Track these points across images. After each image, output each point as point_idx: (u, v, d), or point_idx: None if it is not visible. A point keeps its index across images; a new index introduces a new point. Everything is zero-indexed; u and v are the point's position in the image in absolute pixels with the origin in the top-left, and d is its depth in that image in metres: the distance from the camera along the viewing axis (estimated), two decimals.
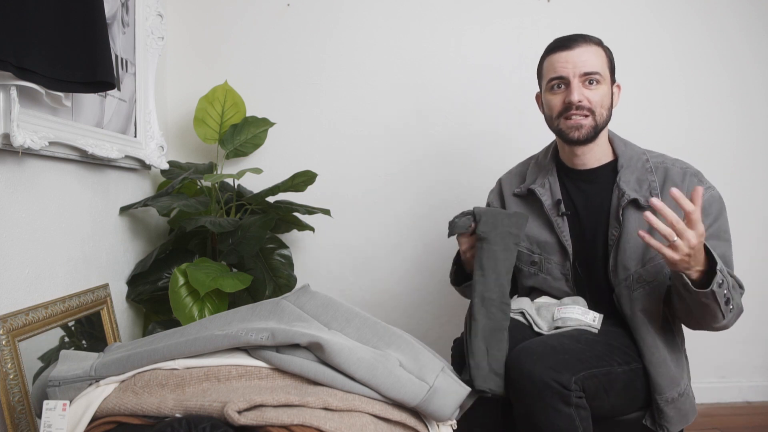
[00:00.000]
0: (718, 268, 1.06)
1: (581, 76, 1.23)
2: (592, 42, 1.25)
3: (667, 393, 1.19)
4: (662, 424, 1.20)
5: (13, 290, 1.19)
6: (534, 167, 1.42)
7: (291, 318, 1.04)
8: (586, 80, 1.23)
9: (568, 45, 1.24)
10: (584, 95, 1.23)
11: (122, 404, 0.90)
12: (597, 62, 1.23)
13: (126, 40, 1.65)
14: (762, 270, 2.13)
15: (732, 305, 1.12)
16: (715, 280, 1.05)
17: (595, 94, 1.23)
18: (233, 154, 1.95)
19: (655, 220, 1.02)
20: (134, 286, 1.68)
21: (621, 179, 1.26)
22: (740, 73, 2.14)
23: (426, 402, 0.94)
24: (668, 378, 1.19)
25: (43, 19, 1.11)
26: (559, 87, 1.26)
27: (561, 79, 1.25)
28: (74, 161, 1.41)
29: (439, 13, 2.10)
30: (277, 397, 0.86)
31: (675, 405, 1.20)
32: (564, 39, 1.27)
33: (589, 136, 1.25)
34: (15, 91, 1.09)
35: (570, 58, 1.23)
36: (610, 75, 1.27)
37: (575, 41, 1.24)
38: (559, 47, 1.26)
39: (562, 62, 1.24)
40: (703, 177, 1.26)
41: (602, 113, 1.25)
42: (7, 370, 1.12)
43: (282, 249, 1.83)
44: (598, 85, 1.23)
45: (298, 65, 2.08)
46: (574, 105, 1.23)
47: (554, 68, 1.25)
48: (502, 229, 1.25)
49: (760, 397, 2.18)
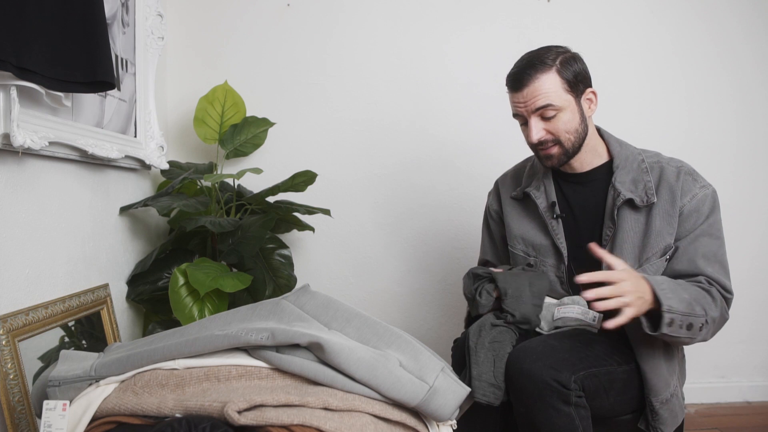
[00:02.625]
0: (664, 309, 1.07)
1: (534, 112, 1.23)
2: (542, 70, 1.20)
3: (662, 394, 1.19)
4: (657, 426, 1.20)
5: (13, 290, 1.19)
6: (530, 170, 1.42)
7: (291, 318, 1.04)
8: (542, 114, 1.23)
9: (516, 86, 1.23)
10: (543, 129, 1.24)
11: (122, 404, 0.90)
12: (550, 94, 1.20)
13: (126, 40, 1.65)
14: (762, 270, 2.13)
15: (701, 325, 1.12)
16: (662, 323, 1.08)
17: (555, 124, 1.23)
18: (233, 154, 1.95)
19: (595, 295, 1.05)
20: (134, 286, 1.68)
21: (616, 180, 1.26)
22: (740, 73, 2.14)
23: (426, 402, 0.94)
24: (663, 379, 1.20)
25: (44, 19, 1.11)
26: (523, 123, 1.28)
27: (520, 116, 1.27)
28: (74, 161, 1.41)
29: (439, 13, 2.10)
30: (277, 397, 0.86)
31: (668, 406, 1.20)
32: (513, 75, 1.25)
33: (562, 161, 1.27)
34: (15, 91, 1.09)
35: (521, 98, 1.23)
36: (572, 94, 1.22)
37: (522, 80, 1.22)
38: (510, 87, 1.26)
39: (515, 102, 1.26)
40: (698, 175, 1.26)
41: (569, 138, 1.24)
42: (7, 370, 1.12)
43: (282, 249, 1.83)
44: (557, 114, 1.22)
45: (298, 65, 2.08)
46: (537, 143, 1.25)
47: (512, 105, 1.28)
48: (527, 301, 1.26)
49: (760, 397, 2.18)
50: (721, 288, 1.20)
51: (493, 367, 1.15)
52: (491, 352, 1.17)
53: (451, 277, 2.13)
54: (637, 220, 1.23)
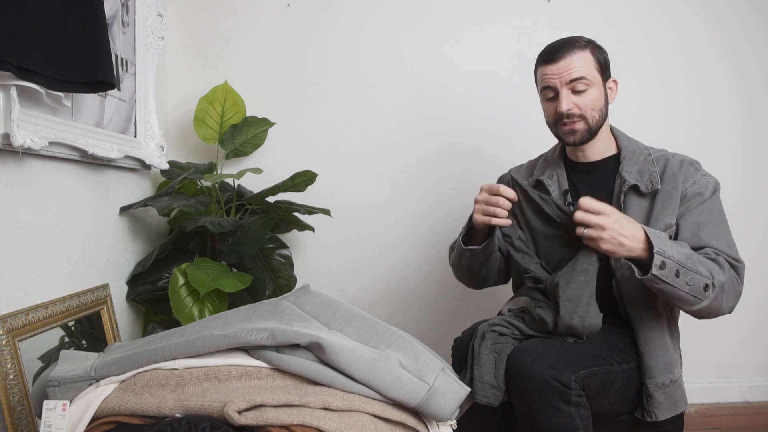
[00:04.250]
0: (655, 251, 1.08)
1: (568, 84, 1.27)
2: (578, 47, 1.27)
3: (658, 377, 1.19)
4: (651, 411, 1.19)
5: (13, 290, 1.19)
6: (543, 162, 1.46)
7: (291, 318, 1.04)
8: (574, 87, 1.27)
9: (552, 58, 1.28)
10: (573, 102, 1.27)
11: (122, 404, 0.90)
12: (583, 68, 1.26)
13: (126, 40, 1.65)
14: (762, 270, 2.13)
15: (705, 285, 1.11)
16: (653, 264, 1.08)
17: (584, 99, 1.27)
18: (233, 154, 1.95)
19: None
20: (134, 286, 1.68)
21: (623, 169, 1.29)
22: (740, 73, 2.14)
23: (426, 402, 0.94)
24: (662, 362, 1.20)
25: (44, 19, 1.11)
26: (550, 97, 1.31)
27: (550, 89, 1.30)
28: (74, 161, 1.41)
29: (439, 12, 2.10)
30: (277, 397, 0.86)
31: (665, 391, 1.19)
32: (550, 50, 1.30)
33: (584, 138, 1.30)
34: (15, 91, 1.09)
35: (556, 70, 1.27)
36: (600, 75, 1.29)
37: (559, 52, 1.27)
38: (545, 60, 1.30)
39: (549, 74, 1.29)
40: (700, 166, 1.30)
41: (594, 115, 1.28)
42: (7, 370, 1.12)
43: (282, 249, 1.83)
44: (587, 89, 1.27)
45: (298, 65, 2.08)
46: (564, 114, 1.27)
47: (543, 79, 1.31)
48: (589, 309, 1.18)
49: (760, 397, 2.18)
50: (728, 257, 1.19)
51: (494, 369, 1.16)
52: (493, 354, 1.17)
53: (451, 277, 2.12)
54: (642, 205, 1.26)
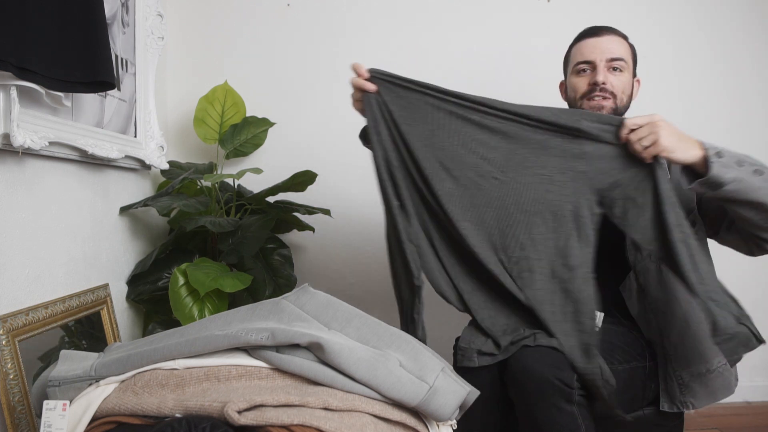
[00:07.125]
0: (707, 145, 1.09)
1: (607, 61, 1.30)
2: (620, 34, 1.34)
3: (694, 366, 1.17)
4: (685, 401, 1.17)
5: (13, 290, 1.19)
6: None
7: (291, 318, 1.04)
8: (612, 66, 1.31)
9: (597, 32, 1.34)
10: (608, 79, 1.30)
11: (122, 404, 0.90)
12: (622, 50, 1.32)
13: (126, 40, 1.65)
14: (762, 270, 2.13)
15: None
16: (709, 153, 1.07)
17: (619, 79, 1.31)
18: (233, 154, 1.95)
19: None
20: (134, 286, 1.68)
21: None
22: (739, 74, 2.14)
23: (426, 402, 0.94)
24: (694, 351, 1.17)
25: (43, 19, 1.11)
26: (585, 71, 1.34)
27: (588, 63, 1.33)
28: (74, 161, 1.41)
29: (438, 12, 2.09)
30: (277, 397, 0.86)
31: (701, 380, 1.17)
32: (594, 27, 1.36)
33: None
34: (15, 91, 1.09)
35: (598, 45, 1.31)
36: (632, 66, 1.35)
37: (604, 30, 1.34)
38: (588, 34, 1.35)
39: (590, 48, 1.32)
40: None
41: (623, 99, 1.32)
42: (7, 370, 1.12)
43: (282, 249, 1.83)
44: (622, 72, 1.31)
45: (298, 65, 2.08)
46: (599, 86, 1.30)
47: (582, 53, 1.34)
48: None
49: (760, 397, 2.17)
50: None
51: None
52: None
53: None
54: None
